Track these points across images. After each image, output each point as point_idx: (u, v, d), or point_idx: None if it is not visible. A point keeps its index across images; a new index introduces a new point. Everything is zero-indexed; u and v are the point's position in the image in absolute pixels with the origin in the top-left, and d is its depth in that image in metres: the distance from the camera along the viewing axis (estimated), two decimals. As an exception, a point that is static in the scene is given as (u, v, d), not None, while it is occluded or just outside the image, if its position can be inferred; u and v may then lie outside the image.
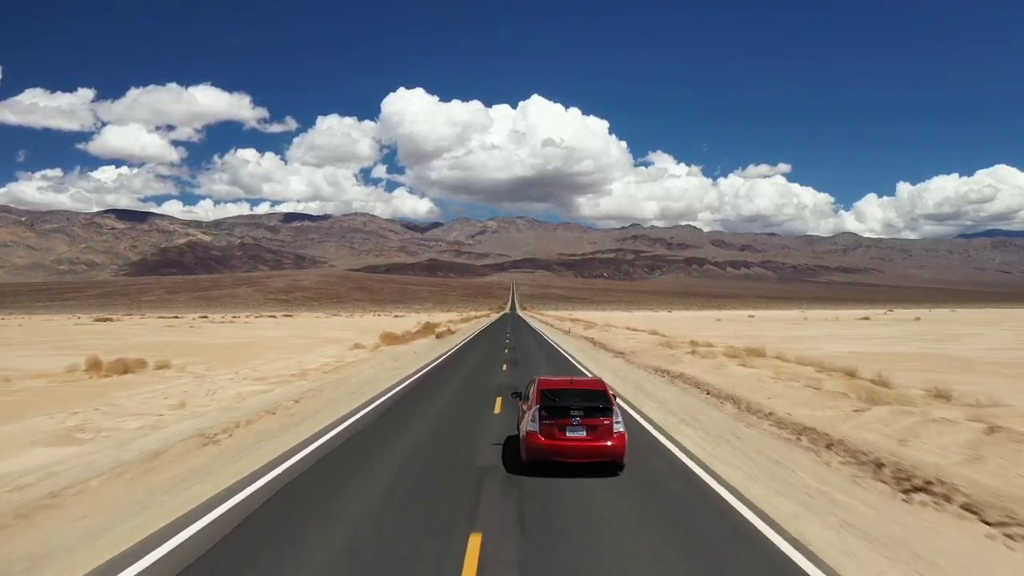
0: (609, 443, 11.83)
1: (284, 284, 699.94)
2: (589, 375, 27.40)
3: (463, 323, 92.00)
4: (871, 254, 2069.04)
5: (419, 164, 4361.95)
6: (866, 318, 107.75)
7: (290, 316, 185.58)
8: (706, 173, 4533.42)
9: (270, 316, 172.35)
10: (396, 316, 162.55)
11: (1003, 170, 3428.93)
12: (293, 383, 27.01)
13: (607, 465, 12.09)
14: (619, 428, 12.03)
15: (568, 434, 11.68)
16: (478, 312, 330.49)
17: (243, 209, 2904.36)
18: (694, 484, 11.96)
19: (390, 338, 52.95)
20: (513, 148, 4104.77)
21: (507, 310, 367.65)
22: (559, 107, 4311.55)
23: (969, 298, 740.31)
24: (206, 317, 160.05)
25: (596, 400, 12.34)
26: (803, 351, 35.74)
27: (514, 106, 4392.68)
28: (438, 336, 60.81)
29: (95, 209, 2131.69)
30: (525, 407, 13.35)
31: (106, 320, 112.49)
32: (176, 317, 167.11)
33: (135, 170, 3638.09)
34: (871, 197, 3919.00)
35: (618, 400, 14.26)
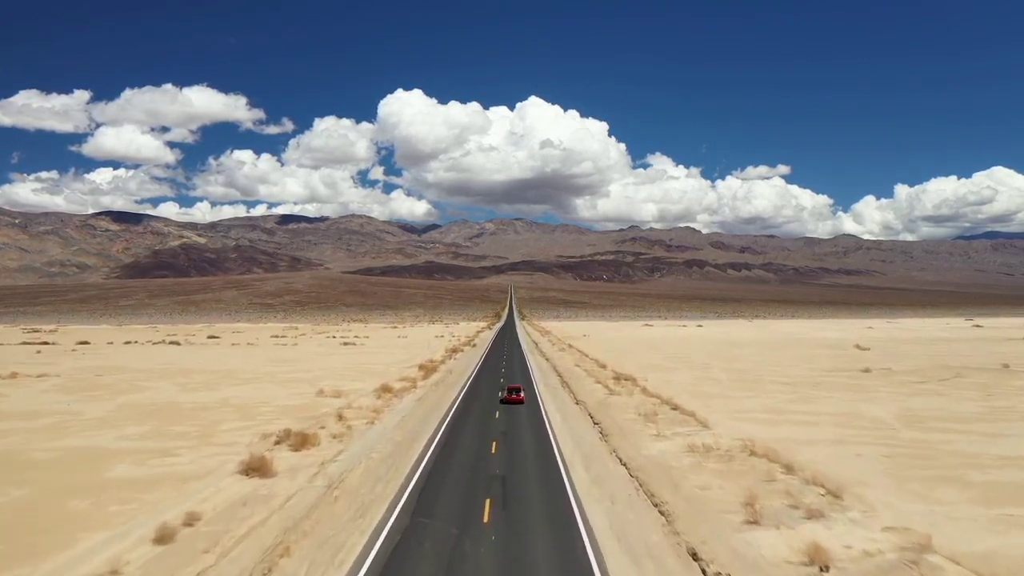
0: (521, 398, 48.21)
1: (275, 287, 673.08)
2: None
3: (394, 396, 47.77)
4: (871, 256, 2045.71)
5: (417, 166, 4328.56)
6: None
7: (215, 339, 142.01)
8: (705, 175, 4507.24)
9: (171, 342, 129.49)
10: (346, 344, 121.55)
11: (1000, 172, 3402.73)
12: None
13: (520, 403, 47.36)
14: (523, 395, 49.40)
15: (511, 396, 48.15)
16: (469, 324, 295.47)
17: (239, 211, 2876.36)
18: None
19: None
20: (511, 150, 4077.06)
21: (504, 319, 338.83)
22: (557, 108, 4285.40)
23: (972, 301, 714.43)
24: (87, 342, 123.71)
25: (520, 389, 50.32)
26: None
27: (512, 108, 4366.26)
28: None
29: (90, 211, 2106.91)
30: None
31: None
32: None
33: (130, 172, 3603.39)
34: (869, 199, 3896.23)
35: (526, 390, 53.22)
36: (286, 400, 47.05)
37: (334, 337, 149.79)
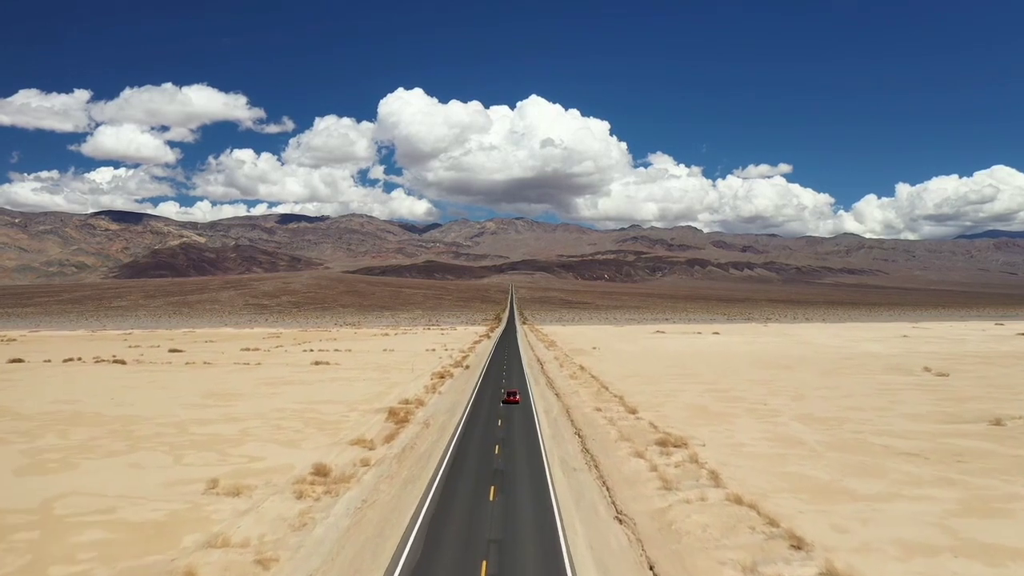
0: (518, 400, 65.06)
1: (272, 287, 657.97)
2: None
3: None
4: (873, 255, 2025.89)
5: (417, 165, 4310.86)
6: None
7: (177, 352, 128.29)
8: (706, 174, 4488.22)
9: (116, 360, 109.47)
10: (317, 363, 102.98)
11: (1001, 171, 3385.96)
12: None
13: (518, 404, 63.06)
14: (519, 397, 66.28)
15: (511, 398, 64.99)
16: (467, 330, 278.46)
17: (239, 210, 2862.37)
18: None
19: None
20: (512, 149, 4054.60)
21: (504, 323, 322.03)
22: (558, 107, 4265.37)
23: (980, 301, 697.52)
24: (20, 360, 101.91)
25: (517, 392, 67.33)
26: None
27: (513, 107, 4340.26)
28: None
29: (90, 211, 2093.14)
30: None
31: None
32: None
33: (130, 171, 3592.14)
34: (870, 198, 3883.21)
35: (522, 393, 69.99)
36: (150, 504, 28.73)
37: (310, 351, 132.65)
